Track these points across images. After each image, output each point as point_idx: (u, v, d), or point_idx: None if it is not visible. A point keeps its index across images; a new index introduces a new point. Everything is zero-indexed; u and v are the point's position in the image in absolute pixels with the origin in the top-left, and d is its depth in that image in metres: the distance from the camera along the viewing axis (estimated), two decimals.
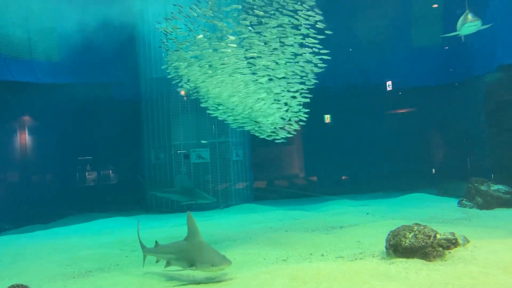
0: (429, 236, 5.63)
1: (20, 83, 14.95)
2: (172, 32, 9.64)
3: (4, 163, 16.14)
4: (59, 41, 15.73)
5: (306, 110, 10.48)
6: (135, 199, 16.80)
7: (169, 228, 11.37)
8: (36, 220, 14.37)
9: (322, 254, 6.78)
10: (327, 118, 19.61)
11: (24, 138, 16.75)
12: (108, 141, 17.43)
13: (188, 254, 5.80)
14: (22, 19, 14.70)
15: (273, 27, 9.17)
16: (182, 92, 10.72)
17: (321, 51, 9.82)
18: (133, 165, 17.80)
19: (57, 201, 16.15)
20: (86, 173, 18.25)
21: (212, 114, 10.62)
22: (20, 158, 16.80)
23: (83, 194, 17.59)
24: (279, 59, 9.53)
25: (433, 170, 18.67)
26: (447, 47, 17.67)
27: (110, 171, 18.58)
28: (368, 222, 9.51)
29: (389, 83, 18.97)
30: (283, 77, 9.93)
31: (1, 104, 14.88)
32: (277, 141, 10.63)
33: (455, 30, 12.28)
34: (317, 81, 10.13)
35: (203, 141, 15.37)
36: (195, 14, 9.21)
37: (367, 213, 11.24)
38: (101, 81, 16.34)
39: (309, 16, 9.27)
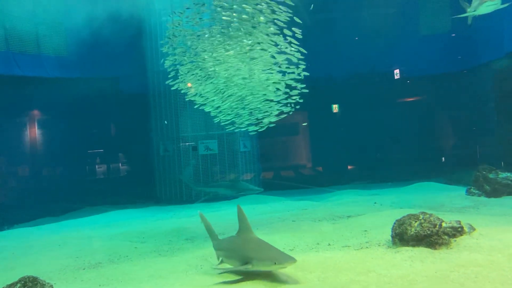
0: (435, 225, 5.64)
1: (29, 78, 15.08)
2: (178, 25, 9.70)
3: (16, 157, 16.38)
4: (66, 35, 15.82)
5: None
6: (145, 191, 16.96)
7: (178, 219, 11.49)
8: (47, 213, 14.59)
9: (329, 244, 6.82)
10: (335, 107, 19.56)
11: (34, 132, 16.95)
12: (117, 134, 17.59)
13: (241, 251, 5.16)
14: (30, 13, 14.80)
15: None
16: (189, 84, 10.73)
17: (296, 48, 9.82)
18: (142, 157, 17.94)
19: (67, 194, 16.36)
20: (96, 166, 18.45)
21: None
22: (31, 152, 17.03)
23: (93, 187, 17.79)
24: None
25: (443, 158, 18.60)
26: (454, 34, 17.50)
27: (120, 164, 18.76)
28: (376, 211, 9.52)
29: (396, 71, 18.86)
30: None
31: (11, 98, 15.04)
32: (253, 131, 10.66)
33: (464, 17, 12.14)
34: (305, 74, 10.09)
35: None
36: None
37: (375, 203, 11.25)
38: (109, 74, 16.45)
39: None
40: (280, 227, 8.31)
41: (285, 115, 10.40)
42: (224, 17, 9.05)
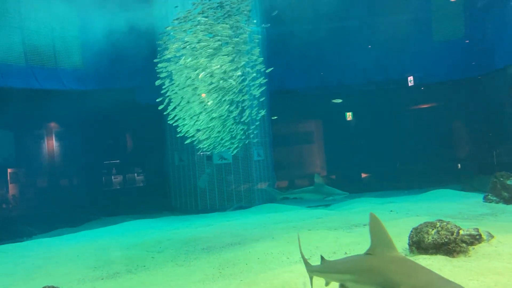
0: (452, 232, 5.60)
1: (47, 91, 15.36)
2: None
3: (34, 168, 16.67)
4: (82, 48, 16.11)
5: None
6: (160, 201, 17.08)
7: (194, 229, 11.53)
8: (65, 224, 14.76)
9: (345, 252, 6.80)
10: (349, 115, 19.53)
11: (52, 144, 17.24)
12: (132, 144, 17.78)
13: (378, 275, 3.58)
14: (47, 28, 15.12)
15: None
16: (203, 95, 10.90)
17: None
18: (158, 167, 18.09)
19: (84, 204, 16.55)
20: (112, 177, 18.64)
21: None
22: (49, 163, 17.31)
23: (110, 197, 17.97)
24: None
25: (459, 165, 18.40)
26: (468, 41, 17.40)
27: (135, 174, 18.93)
28: (392, 219, 9.45)
29: (410, 78, 18.77)
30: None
31: (30, 111, 15.33)
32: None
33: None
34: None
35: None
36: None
37: (391, 211, 11.17)
38: (124, 86, 16.68)
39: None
40: (296, 237, 8.28)
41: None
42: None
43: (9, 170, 15.68)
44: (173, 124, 10.85)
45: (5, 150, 15.92)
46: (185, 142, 11.48)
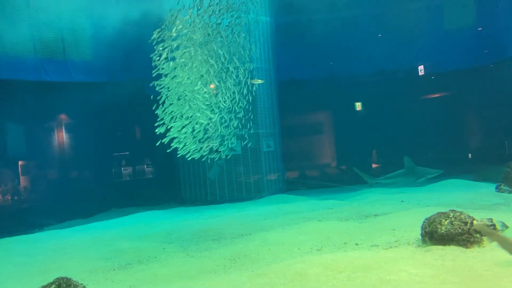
0: (466, 223, 5.54)
1: (56, 83, 15.40)
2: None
3: (45, 161, 16.77)
4: (91, 40, 16.09)
5: None
6: (170, 192, 17.13)
7: (204, 220, 11.56)
8: (76, 215, 14.88)
9: (356, 243, 6.77)
10: (358, 105, 19.39)
11: (62, 136, 17.33)
12: (142, 136, 17.81)
13: None
14: (56, 20, 15.11)
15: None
16: (212, 86, 10.86)
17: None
18: (167, 159, 18.12)
19: (95, 196, 16.65)
20: (122, 169, 18.72)
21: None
22: (59, 155, 17.42)
23: (120, 189, 18.06)
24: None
25: (469, 155, 18.22)
26: (480, 28, 17.13)
27: (145, 166, 18.99)
28: (403, 209, 9.40)
29: (421, 67, 18.55)
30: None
31: (40, 103, 15.40)
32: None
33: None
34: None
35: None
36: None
37: (402, 201, 11.10)
38: (133, 78, 16.65)
39: None
40: (307, 227, 8.28)
41: None
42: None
43: (20, 163, 15.80)
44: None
45: (16, 142, 16.03)
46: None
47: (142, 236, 9.74)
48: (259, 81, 11.36)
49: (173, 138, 10.97)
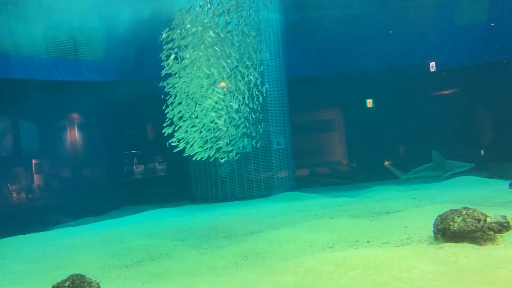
0: (479, 220, 5.49)
1: (68, 82, 15.55)
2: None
3: (58, 159, 16.97)
4: (103, 39, 16.20)
5: None
6: (181, 190, 17.22)
7: (215, 217, 11.60)
8: (89, 213, 15.03)
9: (368, 241, 6.74)
10: (369, 102, 19.30)
11: (74, 135, 17.50)
12: (153, 134, 17.91)
13: None
14: (67, 20, 15.23)
15: None
16: (222, 84, 10.88)
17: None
18: (178, 157, 18.21)
19: (107, 194, 16.80)
20: (134, 167, 18.87)
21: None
22: (72, 154, 17.60)
23: (131, 187, 18.21)
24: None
25: (482, 151, 18.05)
26: (493, 24, 16.93)
27: (156, 164, 19.10)
28: (415, 207, 9.34)
29: (432, 64, 18.39)
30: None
31: (52, 102, 15.55)
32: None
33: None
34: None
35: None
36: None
37: (414, 198, 11.04)
38: (145, 76, 16.78)
39: None
40: (318, 225, 8.26)
41: None
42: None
43: (33, 161, 15.99)
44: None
45: (29, 141, 16.22)
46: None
47: (154, 233, 9.81)
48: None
49: (182, 138, 11.02)
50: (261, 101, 12.10)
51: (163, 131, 10.62)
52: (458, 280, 4.33)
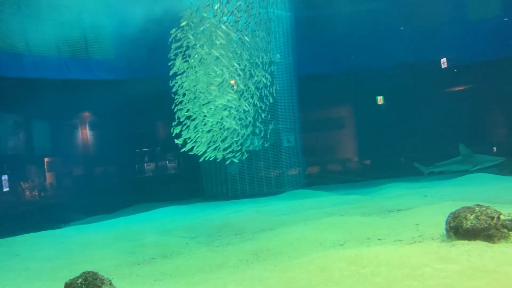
0: (492, 217, 5.43)
1: (79, 81, 15.66)
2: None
3: (70, 157, 17.12)
4: (113, 38, 16.27)
5: None
6: (192, 187, 17.27)
7: (226, 215, 11.65)
8: (101, 211, 15.15)
9: (379, 238, 6.72)
10: (380, 99, 19.18)
11: (86, 133, 17.64)
12: (164, 132, 17.99)
13: None
14: (78, 19, 15.33)
15: None
16: (232, 81, 10.90)
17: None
18: (189, 155, 18.26)
19: (119, 192, 16.91)
20: (145, 165, 18.98)
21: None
22: (84, 152, 17.75)
23: (143, 185, 18.32)
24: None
25: (494, 148, 17.85)
26: (506, 18, 16.72)
27: (167, 162, 19.19)
28: (427, 204, 9.29)
29: (443, 60, 18.20)
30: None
31: (64, 101, 15.67)
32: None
33: None
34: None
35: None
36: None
37: (425, 195, 10.97)
38: (155, 75, 16.89)
39: None
40: (329, 222, 8.25)
41: None
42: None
43: (46, 159, 16.14)
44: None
45: (42, 140, 16.38)
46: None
47: (165, 230, 9.88)
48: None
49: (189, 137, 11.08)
50: (271, 101, 12.12)
51: (172, 130, 10.68)
52: (471, 278, 4.29)
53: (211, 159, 11.21)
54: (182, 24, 10.46)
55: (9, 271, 7.51)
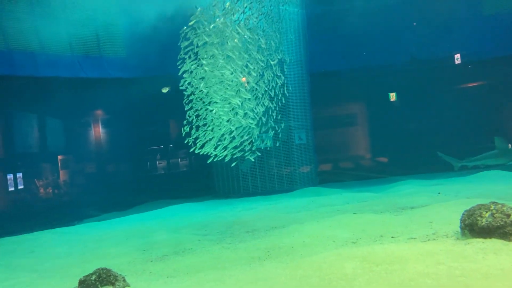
0: (508, 215, 5.35)
1: (92, 79, 15.77)
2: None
3: (83, 155, 17.28)
4: (126, 36, 16.34)
5: None
6: (203, 185, 17.32)
7: (238, 212, 11.66)
8: (113, 208, 15.27)
9: (393, 236, 6.66)
10: (393, 96, 19.02)
11: (99, 131, 17.78)
12: (176, 130, 18.04)
13: None
14: (90, 17, 15.44)
15: None
16: (243, 79, 10.89)
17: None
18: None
19: (132, 189, 17.02)
20: (157, 162, 19.07)
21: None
22: (96, 150, 17.90)
23: (155, 182, 18.41)
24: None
25: (510, 145, 17.59)
26: None
27: (179, 159, 19.26)
28: (441, 201, 9.18)
29: (457, 56, 17.97)
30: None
31: (77, 100, 15.80)
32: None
33: None
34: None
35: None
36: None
37: (439, 193, 10.86)
38: (168, 73, 16.97)
39: None
40: (341, 220, 8.21)
41: None
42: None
43: (59, 157, 16.30)
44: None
45: (55, 137, 16.55)
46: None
47: (177, 228, 9.91)
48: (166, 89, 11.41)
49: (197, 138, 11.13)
50: (283, 102, 12.09)
51: (182, 129, 10.72)
52: (487, 277, 4.23)
53: (218, 159, 11.25)
54: (190, 23, 10.46)
55: (24, 268, 7.61)
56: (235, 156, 11.42)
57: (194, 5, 10.63)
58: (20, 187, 14.10)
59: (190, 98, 10.95)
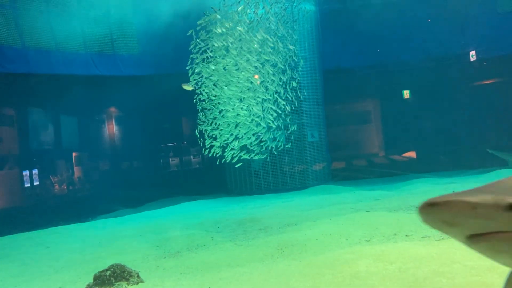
0: None
1: (105, 77, 15.89)
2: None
3: (97, 152, 17.44)
4: (139, 33, 16.43)
5: None
6: (216, 182, 17.36)
7: (250, 210, 11.67)
8: (127, 205, 15.39)
9: (407, 234, 6.62)
10: (406, 93, 18.86)
11: (112, 128, 17.93)
12: (189, 127, 18.12)
13: None
14: (104, 15, 15.55)
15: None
16: (256, 76, 10.88)
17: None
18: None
19: (145, 186, 17.14)
20: (170, 159, 19.17)
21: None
22: (110, 147, 18.06)
23: (168, 179, 18.52)
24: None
25: None
26: None
27: (192, 157, 19.33)
28: None
29: (472, 53, 17.74)
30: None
31: (91, 97, 15.94)
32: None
33: None
34: None
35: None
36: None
37: (453, 191, 10.73)
38: (181, 70, 17.05)
39: None
40: (354, 218, 8.17)
41: None
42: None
43: (74, 154, 16.48)
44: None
45: (69, 134, 16.73)
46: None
47: (190, 224, 9.95)
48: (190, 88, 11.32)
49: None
50: (297, 100, 12.04)
51: (197, 129, 10.74)
52: (503, 276, 4.18)
53: (226, 160, 11.28)
54: (199, 22, 10.47)
55: (40, 263, 7.71)
56: (250, 157, 11.42)
57: (210, 7, 10.61)
58: (36, 183, 14.28)
59: (203, 98, 10.98)
